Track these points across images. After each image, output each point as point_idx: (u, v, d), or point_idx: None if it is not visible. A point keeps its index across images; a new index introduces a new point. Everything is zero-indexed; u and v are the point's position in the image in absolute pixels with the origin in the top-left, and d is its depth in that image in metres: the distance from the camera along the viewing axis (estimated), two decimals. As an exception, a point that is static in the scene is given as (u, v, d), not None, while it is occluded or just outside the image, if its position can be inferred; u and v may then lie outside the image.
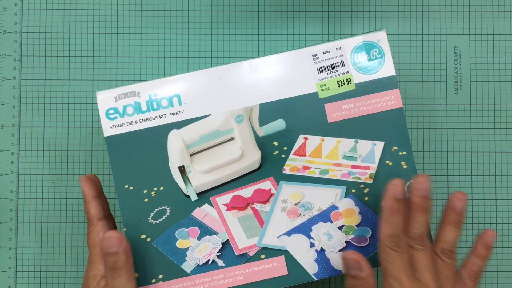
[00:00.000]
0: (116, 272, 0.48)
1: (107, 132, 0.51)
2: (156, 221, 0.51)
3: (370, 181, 0.51)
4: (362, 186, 0.51)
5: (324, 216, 0.51)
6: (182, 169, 0.51)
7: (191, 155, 0.51)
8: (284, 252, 0.50)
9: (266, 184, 0.51)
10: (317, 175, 0.51)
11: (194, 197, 0.51)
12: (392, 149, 0.51)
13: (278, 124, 0.51)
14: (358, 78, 0.51)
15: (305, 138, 0.51)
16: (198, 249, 0.51)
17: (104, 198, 0.53)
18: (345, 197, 0.51)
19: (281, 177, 0.51)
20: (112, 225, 0.53)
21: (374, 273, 0.47)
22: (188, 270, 0.51)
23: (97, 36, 0.61)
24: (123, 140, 0.51)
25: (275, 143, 0.51)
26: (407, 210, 0.47)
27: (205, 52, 0.61)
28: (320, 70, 0.51)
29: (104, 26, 0.61)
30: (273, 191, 0.51)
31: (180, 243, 0.51)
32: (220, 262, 0.51)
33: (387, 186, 0.47)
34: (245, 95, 0.51)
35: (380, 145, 0.51)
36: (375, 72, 0.51)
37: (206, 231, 0.51)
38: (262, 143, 0.51)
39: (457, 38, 0.61)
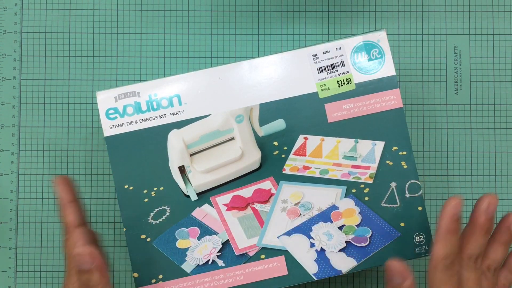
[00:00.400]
0: None
1: (107, 132, 0.51)
2: (156, 221, 0.51)
3: (370, 181, 0.51)
4: (362, 186, 0.51)
5: (324, 216, 0.51)
6: (182, 169, 0.51)
7: (191, 155, 0.51)
8: (284, 252, 0.50)
9: (266, 184, 0.51)
10: (317, 175, 0.51)
11: (194, 197, 0.51)
12: (392, 149, 0.51)
13: (278, 124, 0.51)
14: (358, 78, 0.51)
15: (305, 138, 0.51)
16: (198, 249, 0.51)
17: (80, 202, 0.50)
18: (345, 197, 0.51)
19: (281, 177, 0.51)
20: (89, 233, 0.49)
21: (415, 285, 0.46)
22: (188, 270, 0.51)
23: (97, 36, 0.61)
24: (123, 140, 0.51)
25: (275, 143, 0.51)
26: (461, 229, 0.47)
27: (205, 52, 0.61)
28: (320, 70, 0.51)
29: (104, 26, 0.61)
30: (273, 191, 0.51)
31: (180, 243, 0.51)
32: (220, 262, 0.51)
33: (446, 204, 0.46)
34: (245, 95, 0.51)
35: (380, 145, 0.51)
36: (375, 72, 0.51)
37: (206, 231, 0.51)
38: (262, 143, 0.51)
39: (457, 38, 0.61)
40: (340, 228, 0.51)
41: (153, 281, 0.50)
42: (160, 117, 0.51)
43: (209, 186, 0.52)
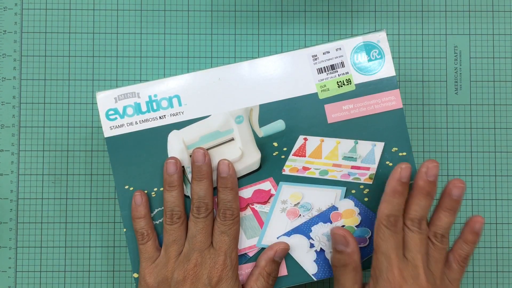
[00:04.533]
0: (273, 280, 0.50)
1: (107, 132, 0.51)
2: (156, 222, 0.51)
3: (370, 182, 0.51)
4: (362, 186, 0.51)
5: (324, 216, 0.51)
6: (182, 170, 0.51)
7: (191, 155, 0.51)
8: (284, 253, 0.51)
9: (266, 185, 0.51)
10: (317, 175, 0.51)
11: (194, 198, 0.51)
12: (392, 150, 0.51)
13: (278, 125, 0.51)
14: (358, 78, 0.51)
15: (305, 139, 0.51)
16: (198, 250, 0.51)
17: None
18: (344, 197, 0.51)
19: (280, 178, 0.51)
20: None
21: (359, 250, 0.48)
22: (188, 271, 0.51)
23: (97, 36, 0.61)
24: (123, 141, 0.51)
25: (275, 144, 0.51)
26: (407, 193, 0.48)
27: (205, 52, 0.60)
28: (320, 70, 0.51)
29: (104, 26, 0.61)
30: (273, 191, 0.51)
31: (180, 244, 0.51)
32: (220, 263, 0.51)
33: (394, 169, 0.48)
34: (245, 96, 0.51)
35: (380, 145, 0.51)
36: (375, 73, 0.51)
37: (206, 231, 0.51)
38: (262, 143, 0.51)
39: (457, 38, 0.61)
40: (340, 228, 0.51)
41: (153, 281, 0.50)
42: (160, 118, 0.51)
43: (209, 186, 0.52)
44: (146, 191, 0.51)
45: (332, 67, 0.51)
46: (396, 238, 0.47)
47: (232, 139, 0.52)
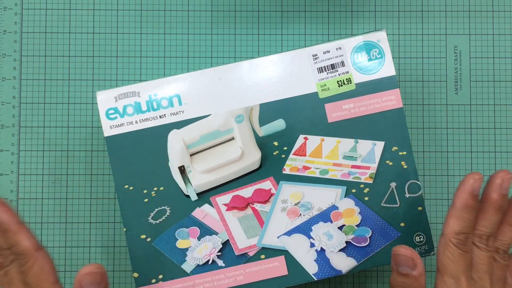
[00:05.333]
0: None
1: (107, 132, 0.51)
2: (156, 221, 0.51)
3: (370, 181, 0.51)
4: (362, 186, 0.51)
5: (324, 216, 0.51)
6: (182, 169, 0.51)
7: (191, 155, 0.51)
8: (284, 252, 0.51)
9: (266, 184, 0.51)
10: (317, 175, 0.51)
11: (194, 197, 0.51)
12: (392, 149, 0.51)
13: (278, 124, 0.51)
14: (358, 78, 0.51)
15: (305, 138, 0.51)
16: (198, 249, 0.51)
17: (26, 225, 0.45)
18: (345, 197, 0.51)
19: (281, 177, 0.51)
20: (48, 257, 0.45)
21: (425, 272, 0.44)
22: (188, 270, 0.51)
23: (97, 36, 0.61)
24: (123, 140, 0.51)
25: (275, 143, 0.51)
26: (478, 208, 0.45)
27: (205, 52, 0.60)
28: (320, 70, 0.51)
29: (104, 26, 0.61)
30: (273, 191, 0.51)
31: (180, 243, 0.51)
32: (220, 262, 0.51)
33: (464, 179, 0.43)
34: (245, 95, 0.51)
35: (380, 145, 0.51)
36: (375, 72, 0.51)
37: (206, 231, 0.51)
38: (262, 143, 0.51)
39: (457, 38, 0.61)
40: (340, 228, 0.51)
41: (153, 281, 0.50)
42: (160, 117, 0.51)
43: (209, 186, 0.52)
44: (145, 191, 0.51)
45: (332, 66, 0.51)
46: (466, 258, 0.43)
47: (232, 139, 0.52)
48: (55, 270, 0.44)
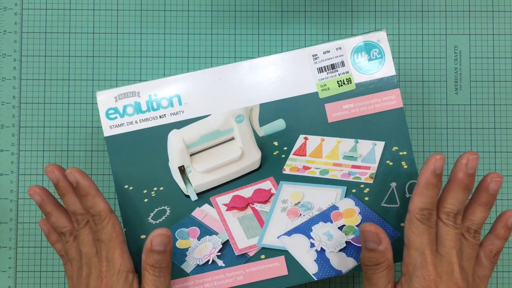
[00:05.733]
0: (160, 271, 0.47)
1: (107, 132, 0.51)
2: (156, 221, 0.51)
3: (371, 181, 0.51)
4: (362, 186, 0.51)
5: (324, 216, 0.51)
6: (182, 169, 0.51)
7: (191, 155, 0.51)
8: (284, 252, 0.51)
9: (266, 184, 0.51)
10: (317, 175, 0.51)
11: (194, 197, 0.51)
12: (393, 149, 0.51)
13: (278, 124, 0.51)
14: (358, 78, 0.51)
15: (305, 138, 0.51)
16: (198, 249, 0.51)
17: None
18: (345, 197, 0.51)
19: (281, 177, 0.51)
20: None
21: (391, 247, 0.46)
22: (188, 270, 0.51)
23: (97, 36, 0.61)
24: (123, 140, 0.51)
25: (275, 143, 0.51)
26: (441, 185, 0.47)
27: (205, 52, 0.60)
28: (320, 70, 0.51)
29: (104, 26, 0.61)
30: (273, 191, 0.51)
31: (180, 243, 0.51)
32: (220, 262, 0.51)
33: (427, 160, 0.46)
34: (245, 95, 0.51)
35: (380, 145, 0.51)
36: (375, 72, 0.51)
37: (206, 231, 0.51)
38: (262, 143, 0.51)
39: (457, 38, 0.61)
40: (340, 228, 0.51)
41: (153, 281, 0.50)
42: (160, 117, 0.51)
43: (209, 186, 0.52)
44: (145, 191, 0.51)
45: (333, 66, 0.51)
46: (430, 232, 0.46)
47: (232, 139, 0.52)
48: (123, 232, 0.49)
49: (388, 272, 0.46)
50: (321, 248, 0.50)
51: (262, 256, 0.51)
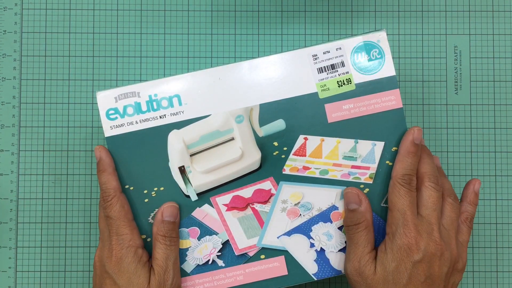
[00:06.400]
0: (171, 240, 0.49)
1: (108, 132, 0.51)
2: (156, 221, 0.51)
3: (370, 181, 0.51)
4: (362, 186, 0.51)
5: (324, 216, 0.51)
6: (182, 169, 0.51)
7: (191, 155, 0.51)
8: (284, 252, 0.51)
9: (266, 184, 0.51)
10: (317, 175, 0.51)
11: (194, 197, 0.51)
12: (392, 149, 0.51)
13: (278, 124, 0.51)
14: (358, 78, 0.51)
15: (305, 138, 0.51)
16: (198, 249, 0.51)
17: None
18: (345, 197, 0.51)
19: (281, 177, 0.51)
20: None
21: (371, 209, 0.50)
22: (188, 270, 0.51)
23: (97, 36, 0.61)
24: (124, 141, 0.51)
25: (275, 143, 0.51)
26: (419, 154, 0.50)
27: (205, 52, 0.61)
28: (320, 70, 0.51)
29: (104, 26, 0.61)
30: (273, 191, 0.51)
31: (180, 243, 0.51)
32: (220, 262, 0.51)
33: (407, 131, 0.50)
34: (245, 95, 0.51)
35: (380, 145, 0.51)
36: (375, 72, 0.51)
37: (206, 231, 0.51)
38: (262, 143, 0.51)
39: (457, 38, 0.61)
40: (340, 228, 0.51)
41: (153, 281, 0.50)
42: (160, 117, 0.51)
43: (209, 186, 0.52)
44: (146, 191, 0.51)
45: (332, 66, 0.51)
46: (411, 195, 0.49)
47: (232, 139, 0.52)
48: (131, 212, 0.51)
49: (368, 232, 0.49)
50: (321, 248, 0.50)
51: (262, 256, 0.51)
